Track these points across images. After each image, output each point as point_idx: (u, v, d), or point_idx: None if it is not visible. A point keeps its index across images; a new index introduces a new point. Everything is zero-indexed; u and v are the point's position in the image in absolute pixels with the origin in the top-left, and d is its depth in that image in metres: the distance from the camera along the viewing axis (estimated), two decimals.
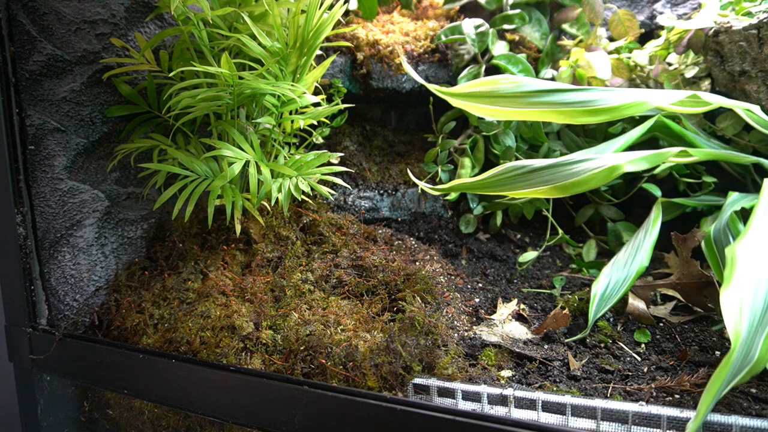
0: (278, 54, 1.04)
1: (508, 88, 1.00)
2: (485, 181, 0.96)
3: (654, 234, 1.01)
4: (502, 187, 0.94)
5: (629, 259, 1.02)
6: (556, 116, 0.94)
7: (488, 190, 0.96)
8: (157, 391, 0.94)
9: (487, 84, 1.02)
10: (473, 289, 1.20)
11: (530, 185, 0.91)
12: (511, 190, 0.93)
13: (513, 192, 0.93)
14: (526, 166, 0.94)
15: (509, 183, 0.93)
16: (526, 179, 0.92)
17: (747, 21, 1.17)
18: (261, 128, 1.13)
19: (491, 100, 0.99)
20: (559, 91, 0.96)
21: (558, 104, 0.94)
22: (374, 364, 0.85)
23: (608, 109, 0.91)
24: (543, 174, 0.91)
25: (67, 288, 1.09)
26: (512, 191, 0.92)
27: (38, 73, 1.03)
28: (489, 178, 0.96)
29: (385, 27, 1.55)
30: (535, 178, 0.91)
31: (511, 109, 0.97)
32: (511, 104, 0.97)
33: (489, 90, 1.01)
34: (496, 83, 1.02)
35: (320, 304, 1.00)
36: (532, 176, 0.92)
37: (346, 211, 1.39)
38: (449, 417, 0.71)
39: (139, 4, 1.09)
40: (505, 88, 1.00)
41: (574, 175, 0.87)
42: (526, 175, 0.93)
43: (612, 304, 0.98)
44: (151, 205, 1.20)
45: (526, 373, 0.89)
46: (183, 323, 0.98)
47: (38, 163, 1.06)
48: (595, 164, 0.87)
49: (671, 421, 0.71)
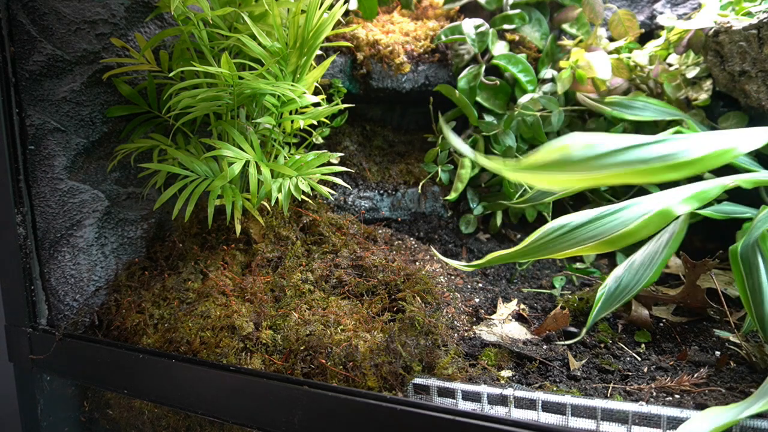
0: (278, 54, 1.04)
1: (580, 154, 0.90)
2: (525, 249, 0.93)
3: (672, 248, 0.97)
4: (544, 252, 0.91)
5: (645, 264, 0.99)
6: (633, 176, 0.86)
7: (529, 257, 0.93)
8: (157, 391, 0.94)
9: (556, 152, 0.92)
10: (473, 289, 1.20)
11: (574, 244, 0.87)
12: (554, 253, 0.89)
13: (557, 255, 0.89)
14: (566, 224, 0.91)
15: (551, 246, 0.90)
16: (569, 239, 0.89)
17: (747, 21, 1.17)
18: (261, 128, 1.13)
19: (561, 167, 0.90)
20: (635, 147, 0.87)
21: (634, 162, 0.86)
22: (374, 364, 0.85)
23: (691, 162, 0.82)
24: (586, 230, 0.88)
25: (67, 288, 1.09)
26: (556, 254, 0.89)
27: (38, 73, 1.03)
28: (529, 245, 0.92)
29: (385, 27, 1.55)
30: (578, 236, 0.88)
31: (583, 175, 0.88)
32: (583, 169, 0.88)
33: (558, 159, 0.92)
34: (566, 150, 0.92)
35: (320, 304, 1.00)
36: (575, 234, 0.89)
37: (346, 211, 1.39)
38: (449, 417, 0.71)
39: (139, 4, 1.09)
40: (576, 155, 0.90)
41: (620, 226, 0.84)
42: (568, 234, 0.90)
43: (616, 306, 0.96)
44: (151, 205, 1.20)
45: (526, 373, 0.89)
46: (183, 323, 0.98)
47: (38, 163, 1.06)
48: (643, 209, 0.83)
49: (671, 421, 0.71)
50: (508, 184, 1.34)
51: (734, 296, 1.09)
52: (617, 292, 0.99)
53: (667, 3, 1.55)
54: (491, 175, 1.47)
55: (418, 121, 1.66)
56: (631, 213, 0.86)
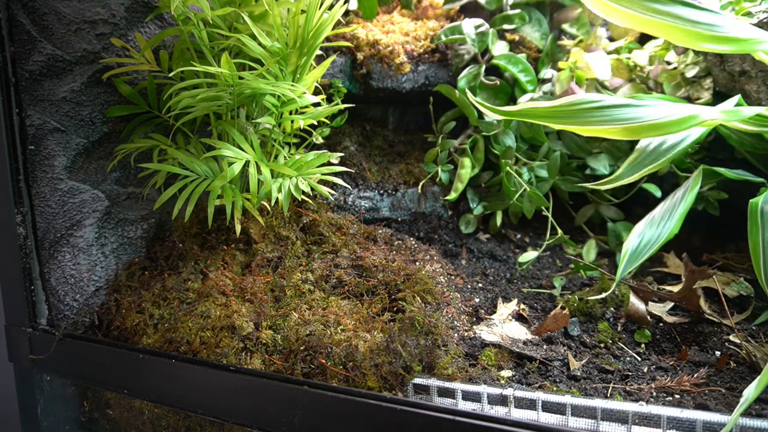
0: (278, 54, 1.04)
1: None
2: (555, 110, 0.89)
3: (689, 200, 0.96)
4: (572, 119, 0.88)
5: (665, 218, 0.98)
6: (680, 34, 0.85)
7: (557, 121, 0.89)
8: (157, 391, 0.94)
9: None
10: (473, 289, 1.20)
11: (602, 122, 0.85)
12: (581, 125, 0.86)
13: (583, 128, 0.86)
14: (599, 100, 0.88)
15: (580, 116, 0.87)
16: (599, 115, 0.86)
17: (747, 21, 1.17)
18: (261, 128, 1.13)
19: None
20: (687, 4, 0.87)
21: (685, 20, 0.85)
22: (374, 364, 0.85)
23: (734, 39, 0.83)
24: (617, 112, 0.85)
25: (67, 288, 1.09)
26: (583, 126, 0.86)
27: (38, 73, 1.03)
28: (559, 107, 0.89)
29: (385, 27, 1.55)
30: (608, 115, 0.85)
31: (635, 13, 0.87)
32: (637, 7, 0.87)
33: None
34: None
35: (320, 304, 1.00)
36: (605, 112, 0.86)
37: (346, 211, 1.39)
38: (449, 417, 0.71)
39: (139, 4, 1.09)
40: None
41: (649, 117, 0.82)
42: (599, 111, 0.87)
43: (641, 261, 0.95)
44: (151, 205, 1.20)
45: (526, 373, 0.89)
46: (183, 323, 0.98)
47: (38, 163, 1.06)
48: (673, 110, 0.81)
49: (671, 421, 0.71)
50: (508, 183, 1.35)
51: (733, 297, 1.09)
52: (641, 246, 0.97)
53: None
54: (491, 175, 1.47)
55: (418, 121, 1.66)
56: (663, 110, 0.83)
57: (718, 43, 0.84)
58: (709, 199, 1.25)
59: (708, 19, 0.85)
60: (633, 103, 0.87)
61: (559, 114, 0.89)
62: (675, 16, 0.86)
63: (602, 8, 0.91)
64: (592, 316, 1.05)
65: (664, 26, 0.86)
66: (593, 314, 1.05)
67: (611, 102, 0.87)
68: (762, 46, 0.84)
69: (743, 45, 0.83)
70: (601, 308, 1.06)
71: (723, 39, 0.84)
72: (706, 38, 0.85)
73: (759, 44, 0.83)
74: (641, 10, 0.88)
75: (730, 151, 1.27)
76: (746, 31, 0.84)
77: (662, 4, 0.87)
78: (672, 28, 0.86)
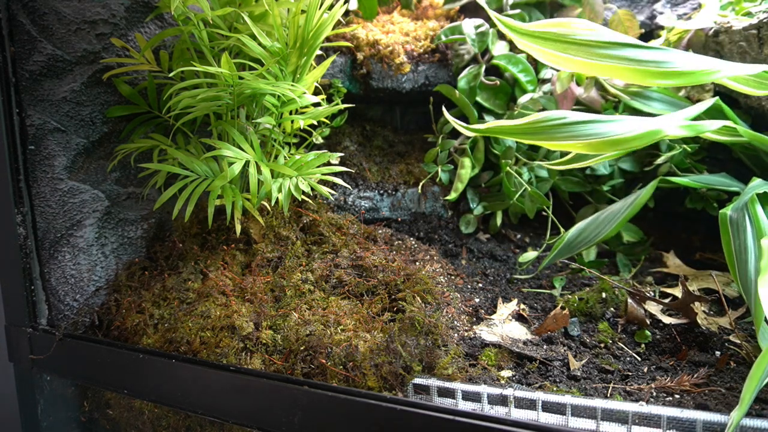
0: (278, 54, 1.04)
1: (583, 34, 0.93)
2: (522, 127, 0.92)
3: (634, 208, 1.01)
4: (539, 136, 0.91)
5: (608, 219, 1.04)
6: (629, 74, 0.88)
7: (526, 137, 0.93)
8: (157, 391, 0.95)
9: (560, 26, 0.95)
10: (473, 289, 1.20)
11: (567, 138, 0.88)
12: (547, 141, 0.90)
13: (550, 143, 0.89)
14: (564, 117, 0.91)
15: (549, 132, 0.90)
16: (564, 131, 0.89)
17: (747, 21, 1.17)
18: (261, 128, 1.13)
19: (563, 46, 0.93)
20: (633, 46, 0.90)
21: (631, 60, 0.88)
22: (374, 364, 0.85)
23: (683, 73, 0.85)
24: (583, 128, 0.88)
25: (67, 288, 1.09)
26: (549, 142, 0.89)
27: (38, 73, 1.03)
28: (527, 124, 0.92)
29: (385, 27, 1.55)
30: (572, 131, 0.88)
31: (581, 60, 0.91)
32: (583, 54, 0.91)
33: (562, 33, 0.94)
34: (570, 26, 0.95)
35: (320, 304, 1.00)
36: (570, 129, 0.89)
37: (346, 211, 1.39)
38: (449, 417, 0.71)
39: (139, 4, 1.09)
40: (580, 34, 0.93)
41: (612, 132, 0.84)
42: (564, 127, 0.90)
43: (573, 253, 1.04)
44: (151, 205, 1.20)
45: (526, 373, 0.89)
46: (183, 323, 0.98)
47: (38, 163, 1.06)
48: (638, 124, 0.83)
49: (671, 421, 0.71)
50: (509, 183, 1.35)
51: (733, 297, 1.09)
52: (576, 240, 1.03)
53: (667, 3, 1.55)
54: (491, 175, 1.47)
55: (418, 121, 1.66)
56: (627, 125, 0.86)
57: (668, 78, 0.86)
58: (709, 199, 1.25)
59: (655, 57, 0.87)
60: (598, 118, 0.89)
61: (527, 131, 0.92)
62: (621, 57, 0.89)
63: (552, 59, 0.94)
64: (592, 316, 1.05)
65: (613, 68, 0.89)
66: (593, 314, 1.05)
67: (575, 119, 0.90)
68: (715, 76, 0.86)
69: (693, 77, 0.86)
70: (601, 308, 1.06)
71: (672, 74, 0.86)
72: (656, 75, 0.87)
73: (710, 75, 0.85)
74: (588, 57, 0.91)
75: (729, 151, 1.27)
76: (696, 63, 0.86)
77: (607, 48, 0.90)
78: (621, 69, 0.89)
